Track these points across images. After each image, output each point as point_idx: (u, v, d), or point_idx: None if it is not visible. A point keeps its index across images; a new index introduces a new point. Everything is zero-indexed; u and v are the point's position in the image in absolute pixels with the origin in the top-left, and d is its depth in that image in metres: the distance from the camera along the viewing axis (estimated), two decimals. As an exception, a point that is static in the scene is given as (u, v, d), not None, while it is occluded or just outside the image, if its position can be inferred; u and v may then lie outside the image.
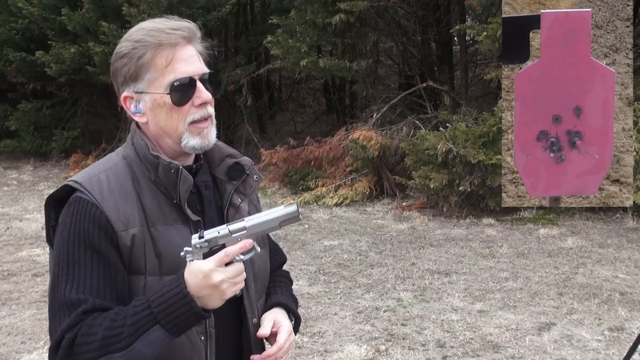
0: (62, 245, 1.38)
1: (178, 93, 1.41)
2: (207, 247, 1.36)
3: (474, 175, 7.52)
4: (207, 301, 1.34)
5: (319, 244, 6.84)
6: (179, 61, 1.42)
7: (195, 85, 1.43)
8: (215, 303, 1.36)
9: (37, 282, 5.57)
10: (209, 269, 1.33)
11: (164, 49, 1.41)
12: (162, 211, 1.44)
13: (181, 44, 1.43)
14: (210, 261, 1.34)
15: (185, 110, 1.43)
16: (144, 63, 1.41)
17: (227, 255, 1.35)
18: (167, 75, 1.41)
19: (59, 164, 12.89)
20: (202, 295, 1.33)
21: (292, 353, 4.12)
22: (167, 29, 1.43)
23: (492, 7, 9.20)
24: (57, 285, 1.36)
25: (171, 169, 1.42)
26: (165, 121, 1.44)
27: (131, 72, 1.43)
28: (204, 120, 1.45)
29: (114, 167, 1.46)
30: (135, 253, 1.39)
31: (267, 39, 9.95)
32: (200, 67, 1.45)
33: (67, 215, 1.39)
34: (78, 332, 1.32)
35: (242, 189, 1.56)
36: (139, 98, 1.44)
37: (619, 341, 4.22)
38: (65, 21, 11.43)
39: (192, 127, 1.44)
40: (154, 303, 1.32)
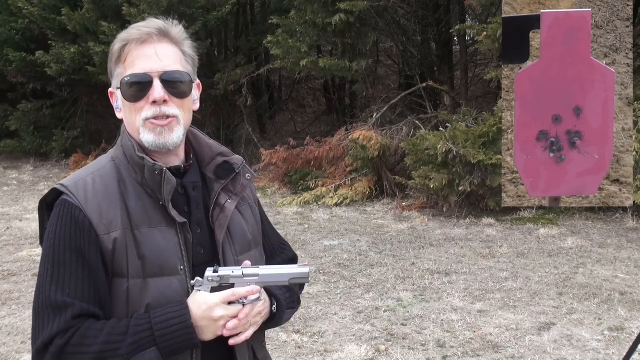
0: (49, 247, 1.39)
1: (127, 89, 1.43)
2: (218, 282, 1.42)
3: (474, 175, 7.52)
4: (202, 332, 1.39)
5: (319, 244, 6.84)
6: (139, 57, 1.43)
7: (150, 82, 1.42)
8: (208, 336, 1.40)
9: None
10: (214, 303, 1.38)
11: (132, 45, 1.43)
12: (147, 213, 1.43)
13: (149, 41, 1.43)
14: (216, 296, 1.39)
15: (139, 107, 1.44)
16: (114, 59, 1.47)
17: (234, 295, 1.41)
18: (128, 71, 1.44)
19: (59, 164, 12.89)
20: (199, 325, 1.37)
21: (292, 353, 4.13)
22: (139, 27, 1.45)
23: (492, 7, 9.21)
24: (42, 286, 1.37)
25: (155, 170, 1.42)
26: (127, 116, 1.47)
27: (110, 68, 1.49)
28: (159, 118, 1.44)
29: (101, 169, 1.47)
30: (117, 256, 1.39)
31: (267, 39, 9.95)
32: (164, 65, 1.43)
33: (53, 218, 1.40)
34: (70, 340, 1.32)
35: (232, 187, 1.55)
36: (117, 94, 1.49)
37: (619, 341, 4.22)
38: (65, 21, 11.43)
39: (147, 123, 1.44)
40: (156, 326, 1.35)
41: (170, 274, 1.42)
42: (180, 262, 1.43)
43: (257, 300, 1.45)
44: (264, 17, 13.55)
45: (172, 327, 1.35)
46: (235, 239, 1.53)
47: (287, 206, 8.72)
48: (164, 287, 1.40)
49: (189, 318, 1.36)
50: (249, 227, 1.59)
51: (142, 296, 1.39)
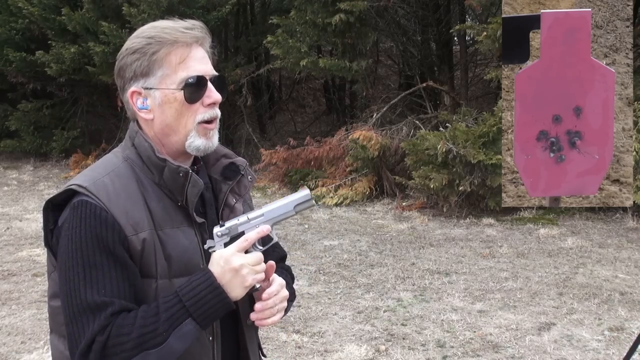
0: (75, 249, 1.35)
1: (191, 90, 1.42)
2: (228, 235, 1.42)
3: (474, 175, 7.52)
4: (230, 288, 1.36)
5: (319, 244, 6.84)
6: (192, 60, 1.43)
7: (207, 84, 1.44)
8: (237, 291, 1.38)
9: (37, 282, 5.57)
10: (229, 254, 1.37)
11: (179, 46, 1.42)
12: (168, 214, 1.43)
13: (195, 44, 1.44)
14: (231, 247, 1.39)
15: (194, 109, 1.43)
16: (157, 59, 1.42)
17: (247, 241, 1.39)
18: (180, 72, 1.42)
19: (59, 164, 12.88)
20: (224, 282, 1.36)
21: (292, 353, 4.13)
22: (182, 28, 1.43)
23: (492, 7, 9.21)
24: (75, 290, 1.33)
25: (179, 173, 1.42)
26: (174, 118, 1.44)
27: (143, 67, 1.42)
28: (212, 121, 1.46)
29: (116, 169, 1.44)
30: (145, 257, 1.38)
31: (267, 39, 9.95)
32: (211, 69, 1.46)
33: (75, 219, 1.36)
34: (110, 334, 1.31)
35: (237, 189, 1.56)
36: (148, 94, 1.44)
37: (619, 341, 4.22)
38: (65, 21, 11.42)
39: (199, 127, 1.44)
40: (185, 297, 1.34)
41: (194, 272, 1.42)
42: (202, 261, 1.45)
43: (272, 242, 1.46)
44: (264, 17, 13.55)
45: (200, 293, 1.34)
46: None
47: (287, 206, 8.71)
48: None
49: (215, 279, 1.35)
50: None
51: None
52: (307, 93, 16.62)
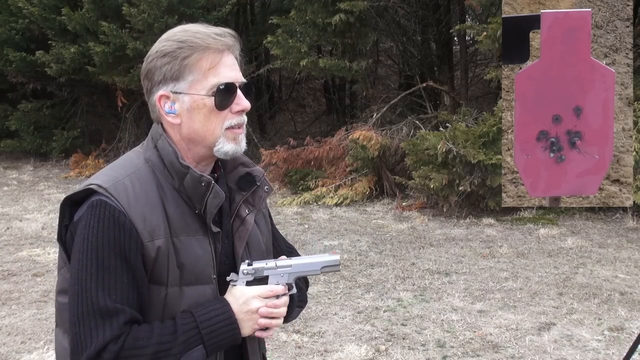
0: (90, 250, 1.34)
1: (221, 96, 1.41)
2: (253, 275, 1.45)
3: (474, 175, 7.52)
4: (242, 326, 1.42)
5: (319, 244, 6.84)
6: (223, 66, 1.42)
7: (236, 91, 1.44)
8: (246, 330, 1.42)
9: (37, 282, 5.57)
10: (251, 295, 1.41)
11: (211, 52, 1.41)
12: (185, 221, 1.42)
13: (226, 51, 1.44)
14: (255, 289, 1.43)
15: (223, 115, 1.43)
16: (189, 64, 1.40)
17: (272, 291, 1.44)
18: (211, 79, 1.41)
19: (59, 164, 12.89)
20: (239, 318, 1.40)
21: (292, 353, 4.13)
22: (214, 34, 1.43)
23: (492, 7, 9.21)
24: (86, 291, 1.33)
25: (202, 182, 1.41)
26: (202, 124, 1.43)
27: (173, 71, 1.41)
28: (240, 126, 1.46)
29: (137, 171, 1.43)
30: (158, 264, 1.38)
31: (267, 39, 9.95)
32: (240, 76, 1.46)
33: (93, 219, 1.35)
34: (124, 345, 1.30)
35: (251, 200, 1.55)
36: (176, 98, 1.42)
37: (619, 341, 4.22)
38: (65, 21, 11.43)
39: (228, 132, 1.44)
40: (202, 324, 1.36)
41: (205, 282, 1.43)
42: (213, 270, 1.45)
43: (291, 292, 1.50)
44: (264, 17, 13.56)
45: (217, 324, 1.37)
46: (252, 251, 1.54)
47: (287, 206, 8.72)
48: (198, 295, 1.42)
49: (233, 314, 1.39)
50: (263, 238, 1.60)
51: (178, 304, 1.40)
52: (307, 93, 16.62)
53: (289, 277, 1.50)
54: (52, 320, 4.03)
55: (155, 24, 10.26)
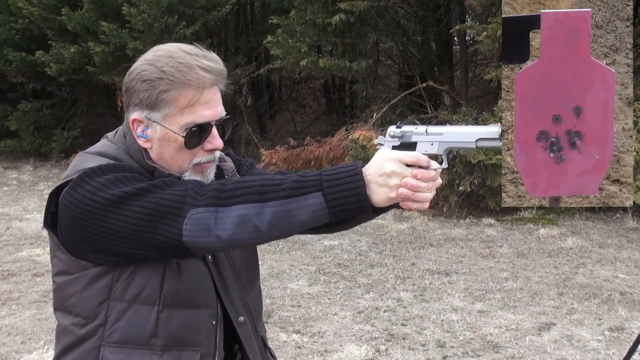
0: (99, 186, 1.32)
1: (193, 137, 1.39)
2: (400, 139, 1.33)
3: (474, 175, 7.52)
4: (371, 190, 1.27)
5: (319, 244, 6.84)
6: (201, 104, 1.39)
7: (210, 131, 1.41)
8: (378, 196, 1.27)
9: (37, 282, 5.56)
10: (388, 157, 1.28)
11: (191, 90, 1.37)
12: None
13: (207, 87, 1.40)
14: (395, 153, 1.29)
15: (194, 152, 1.42)
16: (165, 98, 1.37)
17: (415, 158, 1.29)
18: (186, 116, 1.38)
19: (59, 164, 12.89)
20: (368, 178, 1.27)
21: (292, 353, 4.13)
22: (198, 68, 1.38)
23: (492, 7, 9.19)
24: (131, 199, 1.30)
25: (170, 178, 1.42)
26: (171, 155, 1.42)
27: (150, 100, 1.38)
28: (209, 163, 1.45)
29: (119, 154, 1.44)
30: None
31: (267, 39, 9.94)
32: (219, 111, 1.42)
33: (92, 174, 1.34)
34: (225, 183, 1.30)
35: None
36: (149, 124, 1.40)
37: (619, 341, 4.22)
38: (65, 21, 11.43)
39: (196, 167, 1.43)
40: (325, 172, 1.28)
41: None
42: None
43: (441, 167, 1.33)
44: (264, 17, 13.55)
45: (340, 172, 1.26)
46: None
47: (287, 206, 8.72)
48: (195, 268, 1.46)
49: (360, 171, 1.26)
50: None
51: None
52: (307, 93, 16.62)
53: (439, 147, 1.33)
54: (52, 320, 4.03)
55: (155, 24, 10.26)
